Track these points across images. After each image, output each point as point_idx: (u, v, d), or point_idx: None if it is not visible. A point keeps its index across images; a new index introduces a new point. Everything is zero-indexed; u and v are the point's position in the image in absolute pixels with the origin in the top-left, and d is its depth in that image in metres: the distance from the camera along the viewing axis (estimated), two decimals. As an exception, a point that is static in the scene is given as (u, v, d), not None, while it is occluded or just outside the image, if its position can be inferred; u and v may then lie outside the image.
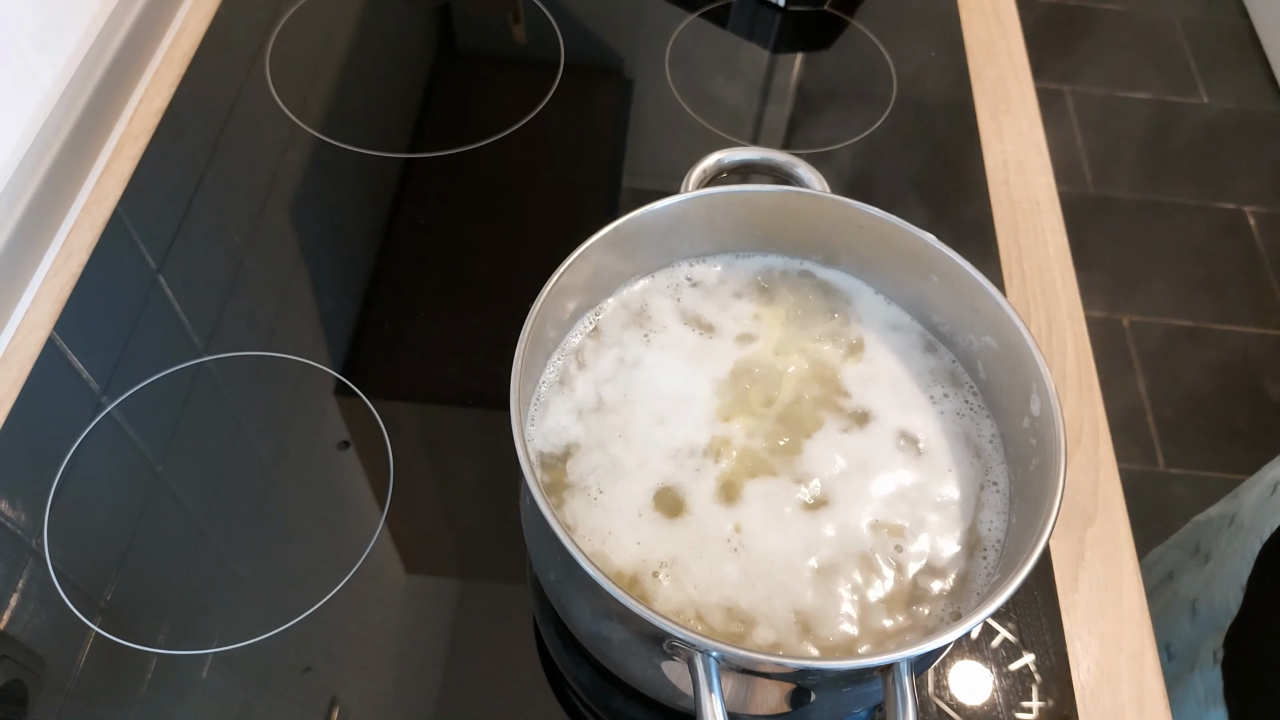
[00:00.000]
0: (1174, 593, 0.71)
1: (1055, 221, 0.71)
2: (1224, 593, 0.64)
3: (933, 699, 0.51)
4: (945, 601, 0.43)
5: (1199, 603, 0.67)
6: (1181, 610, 0.69)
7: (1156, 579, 0.75)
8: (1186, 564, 0.72)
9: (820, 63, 0.83)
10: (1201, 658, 0.63)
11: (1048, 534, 0.39)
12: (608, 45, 0.83)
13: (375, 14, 0.83)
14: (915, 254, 0.49)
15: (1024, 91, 0.80)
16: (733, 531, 0.44)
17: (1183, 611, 0.69)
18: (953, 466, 0.47)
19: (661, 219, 0.50)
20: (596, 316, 0.51)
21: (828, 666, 0.38)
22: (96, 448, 0.56)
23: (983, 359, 0.49)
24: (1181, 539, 0.76)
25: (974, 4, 0.87)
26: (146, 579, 0.52)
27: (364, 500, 0.56)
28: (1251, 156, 1.94)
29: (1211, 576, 0.67)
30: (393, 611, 0.52)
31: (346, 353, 0.62)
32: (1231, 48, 2.15)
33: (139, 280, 0.64)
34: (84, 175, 0.70)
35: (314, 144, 0.73)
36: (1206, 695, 0.62)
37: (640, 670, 0.44)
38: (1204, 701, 0.62)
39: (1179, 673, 0.66)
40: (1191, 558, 0.72)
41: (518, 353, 0.43)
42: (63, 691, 0.48)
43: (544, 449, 0.47)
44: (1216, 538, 0.69)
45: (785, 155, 0.54)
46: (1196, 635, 0.66)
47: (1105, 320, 1.69)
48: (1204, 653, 0.63)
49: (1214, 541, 0.69)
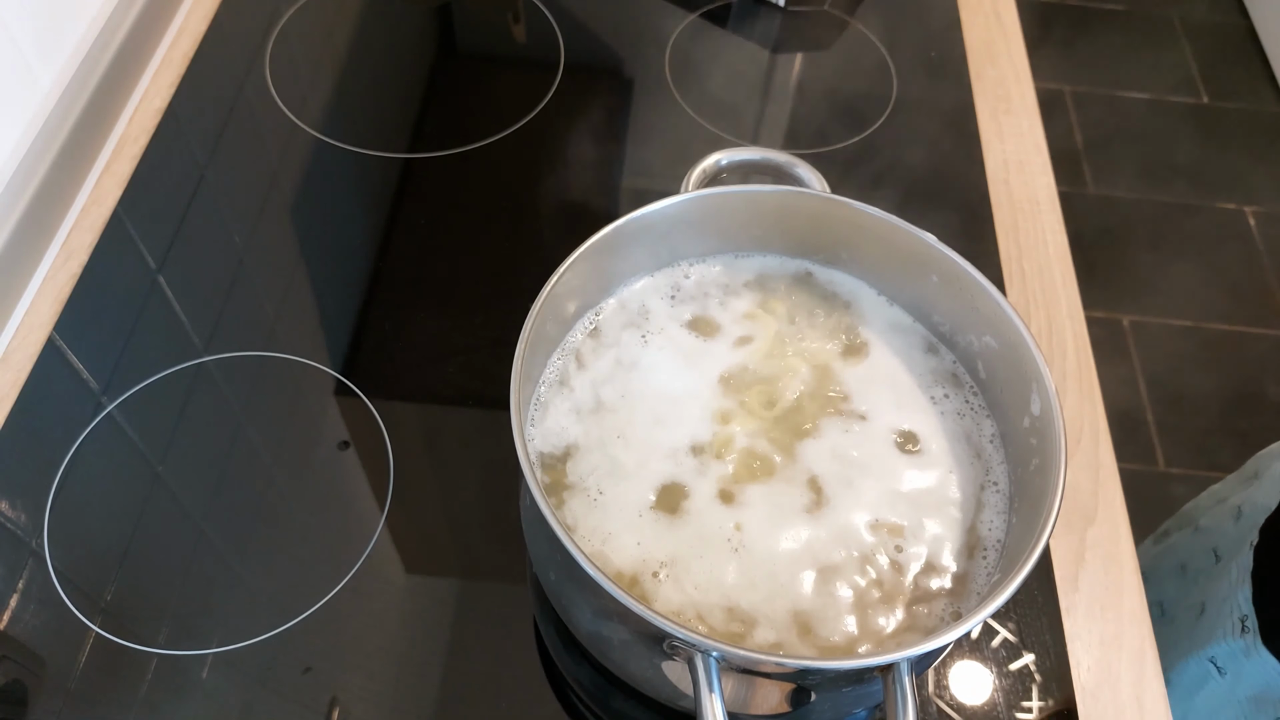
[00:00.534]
0: (1220, 508, 0.76)
1: (1055, 221, 0.71)
2: (1268, 493, 0.68)
3: (933, 699, 0.51)
4: (945, 601, 0.43)
5: (1244, 505, 0.72)
6: (1227, 515, 0.74)
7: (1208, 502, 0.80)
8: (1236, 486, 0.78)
9: (820, 63, 0.83)
10: (1241, 550, 0.68)
11: (1048, 534, 0.39)
12: (608, 45, 0.83)
13: (375, 14, 0.83)
14: (915, 254, 0.49)
15: (1024, 91, 0.80)
16: (733, 532, 0.44)
17: (1228, 516, 0.73)
18: (953, 467, 0.47)
19: (661, 219, 0.50)
20: (596, 317, 0.51)
21: (828, 666, 0.38)
22: (96, 448, 0.56)
23: (983, 359, 0.49)
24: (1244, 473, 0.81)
25: (974, 4, 0.87)
26: (146, 579, 0.52)
27: (364, 500, 0.56)
28: (1251, 156, 1.94)
29: (1257, 486, 0.72)
30: (393, 611, 0.52)
31: (346, 353, 0.62)
32: (1231, 48, 2.15)
33: (139, 280, 0.64)
34: (84, 175, 0.70)
35: (314, 144, 0.73)
36: (1239, 576, 0.66)
37: (640, 670, 0.44)
38: (1236, 583, 0.66)
39: (1223, 567, 0.70)
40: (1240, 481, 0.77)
41: (518, 353, 0.43)
42: (63, 691, 0.48)
43: (544, 449, 0.47)
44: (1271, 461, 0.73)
45: (785, 155, 0.54)
46: (1239, 533, 0.70)
47: (1105, 320, 1.69)
48: (1244, 545, 0.68)
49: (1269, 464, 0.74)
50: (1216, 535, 0.75)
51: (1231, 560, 0.69)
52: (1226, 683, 0.66)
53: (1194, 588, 0.73)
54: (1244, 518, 0.71)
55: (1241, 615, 0.64)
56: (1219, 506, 0.77)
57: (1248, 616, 0.64)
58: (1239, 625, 0.65)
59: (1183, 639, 0.70)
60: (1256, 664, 0.63)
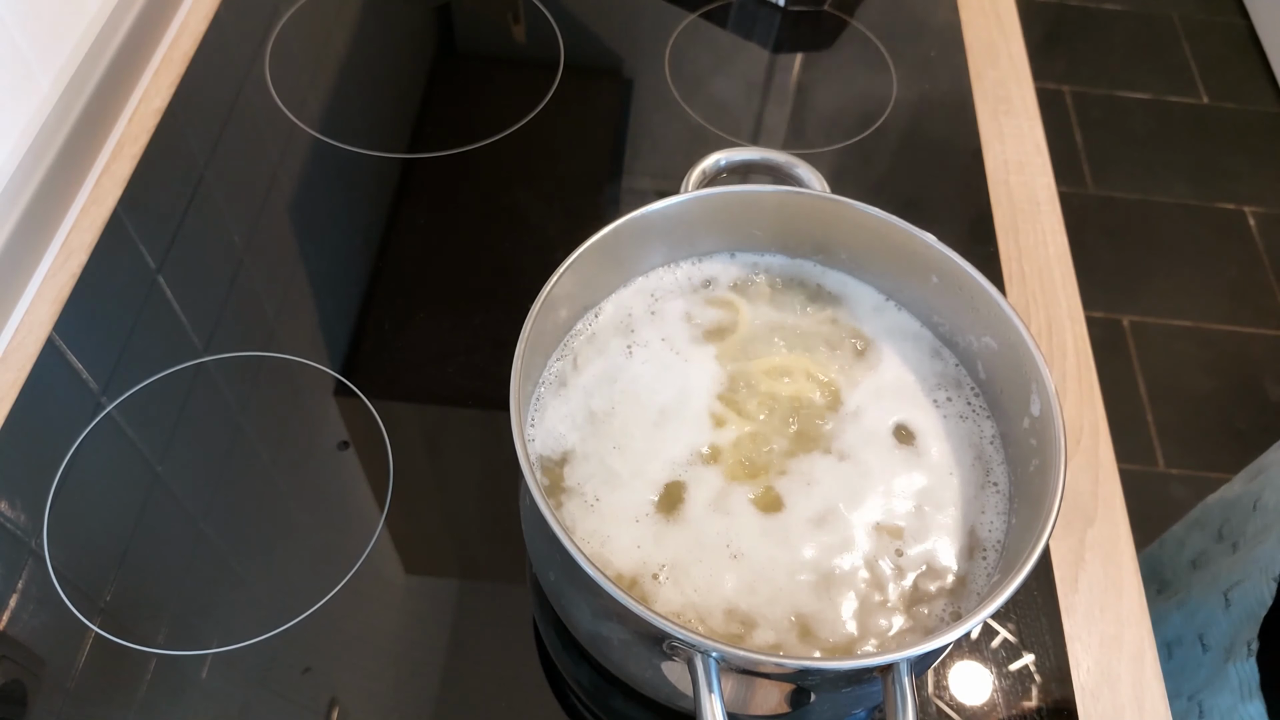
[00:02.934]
0: (1204, 582, 0.72)
1: (1055, 221, 0.71)
2: (1256, 582, 0.64)
3: (933, 699, 0.51)
4: (945, 602, 0.43)
5: (1231, 593, 0.67)
6: (1215, 601, 0.69)
7: (1182, 566, 0.75)
8: (1212, 551, 0.72)
9: (820, 63, 0.83)
10: (1236, 649, 0.64)
11: (1047, 534, 0.39)
12: (608, 45, 0.83)
13: (375, 14, 0.83)
14: (915, 254, 0.49)
15: (1024, 91, 0.80)
16: (733, 536, 0.44)
17: (1216, 602, 0.69)
18: (953, 468, 0.47)
19: (661, 219, 0.50)
20: (596, 317, 0.51)
21: (828, 667, 0.38)
22: (96, 448, 0.56)
23: (983, 359, 0.49)
24: (1201, 519, 0.76)
25: (974, 4, 0.87)
26: (146, 579, 0.52)
27: (364, 500, 0.56)
28: (1251, 156, 1.94)
29: (1242, 565, 0.67)
30: (393, 611, 0.52)
31: (346, 353, 0.62)
32: (1231, 48, 2.15)
33: (139, 280, 0.64)
34: (84, 175, 0.70)
35: (314, 144, 0.73)
36: (1242, 687, 0.63)
37: (640, 670, 0.44)
38: (1239, 694, 0.63)
39: (1216, 664, 0.66)
40: (1217, 544, 0.72)
41: (517, 353, 0.43)
42: (63, 691, 0.48)
43: (542, 452, 0.47)
44: (1244, 524, 0.69)
45: (785, 155, 0.54)
46: (1231, 626, 0.67)
47: (1105, 320, 1.69)
48: (1238, 644, 0.64)
49: (1240, 528, 0.69)
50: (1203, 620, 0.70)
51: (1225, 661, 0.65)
52: None
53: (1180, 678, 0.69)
54: (1233, 606, 0.67)
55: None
56: (1201, 580, 0.72)
57: None
58: None
59: None
60: None
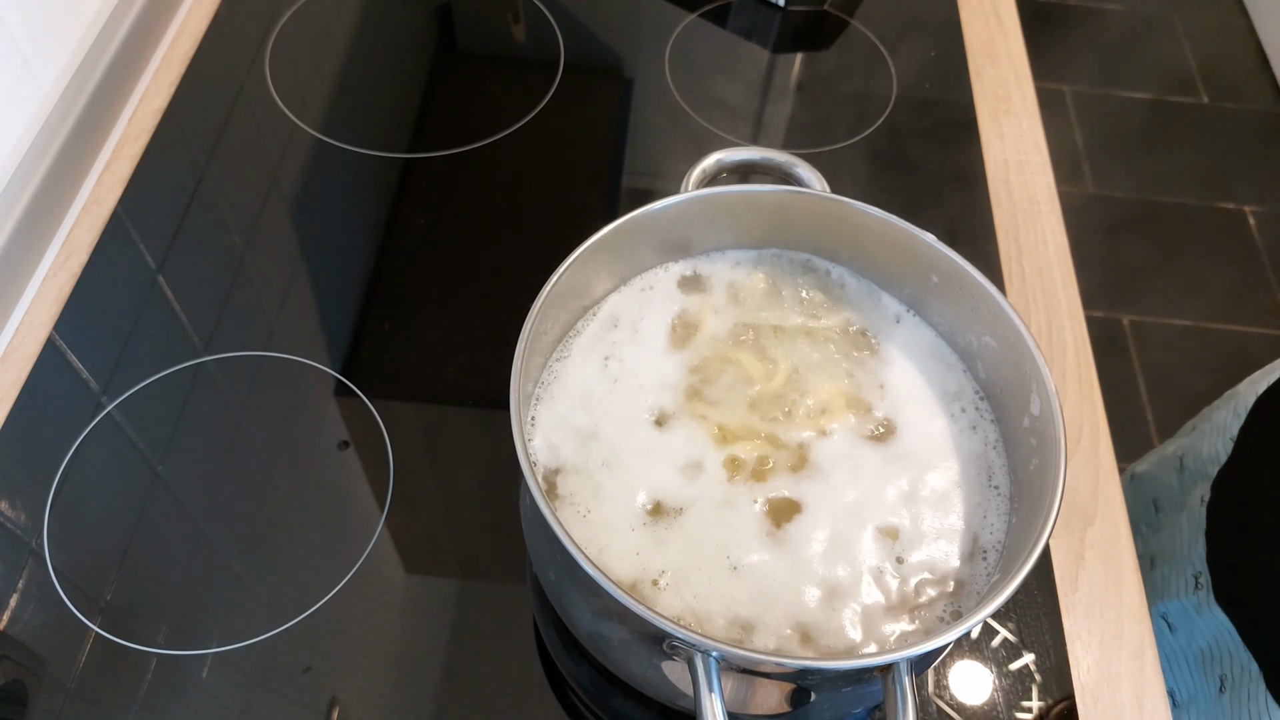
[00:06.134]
0: (1161, 455, 0.77)
1: (1055, 221, 0.71)
2: (1212, 444, 0.68)
3: (933, 699, 0.51)
4: (945, 601, 0.43)
5: (1186, 457, 0.72)
6: (1168, 467, 0.74)
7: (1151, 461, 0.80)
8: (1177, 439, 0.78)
9: (820, 63, 0.83)
10: (1190, 504, 0.67)
11: (1047, 534, 0.39)
12: (608, 45, 0.83)
13: (375, 14, 0.83)
14: (915, 254, 0.49)
15: (1024, 91, 0.80)
16: (733, 535, 0.44)
17: (1169, 468, 0.74)
18: (953, 468, 0.47)
19: (661, 219, 0.50)
20: (595, 317, 0.51)
21: (827, 666, 0.38)
22: (96, 448, 0.56)
23: (983, 359, 0.49)
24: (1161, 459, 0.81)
25: (974, 4, 0.87)
26: (146, 579, 0.52)
27: (364, 500, 0.56)
28: (1251, 156, 1.94)
29: (1199, 433, 0.71)
30: (393, 611, 0.52)
31: (346, 353, 0.62)
32: (1231, 48, 2.15)
33: (139, 280, 0.64)
34: (84, 175, 0.70)
35: (314, 144, 0.73)
36: (1191, 532, 0.66)
37: (640, 670, 0.44)
38: (1189, 539, 0.66)
39: (1166, 521, 0.71)
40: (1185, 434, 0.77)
41: (517, 353, 0.43)
42: (63, 691, 0.48)
43: (541, 454, 0.47)
44: (1211, 412, 0.73)
45: (785, 155, 0.54)
46: (1184, 485, 0.71)
47: (1105, 320, 1.69)
48: (1192, 499, 0.67)
49: (1206, 415, 0.74)
50: (1155, 486, 0.74)
51: (1179, 514, 0.68)
52: (1178, 639, 0.66)
53: (1138, 540, 0.72)
54: (1187, 470, 0.70)
55: (1195, 572, 0.64)
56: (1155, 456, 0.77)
57: (1201, 574, 0.63)
58: (1192, 582, 0.64)
59: None
60: (1209, 620, 0.62)
